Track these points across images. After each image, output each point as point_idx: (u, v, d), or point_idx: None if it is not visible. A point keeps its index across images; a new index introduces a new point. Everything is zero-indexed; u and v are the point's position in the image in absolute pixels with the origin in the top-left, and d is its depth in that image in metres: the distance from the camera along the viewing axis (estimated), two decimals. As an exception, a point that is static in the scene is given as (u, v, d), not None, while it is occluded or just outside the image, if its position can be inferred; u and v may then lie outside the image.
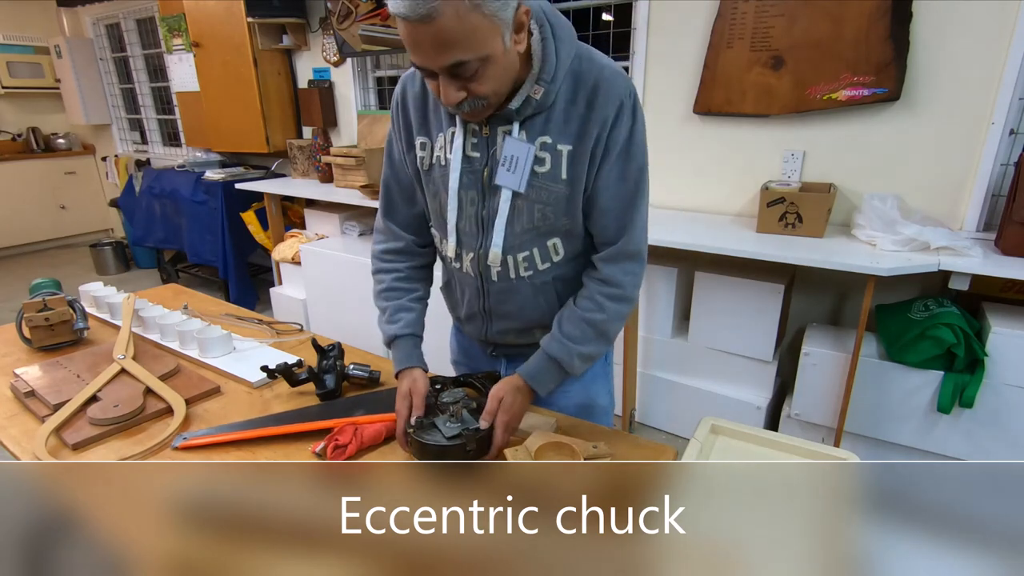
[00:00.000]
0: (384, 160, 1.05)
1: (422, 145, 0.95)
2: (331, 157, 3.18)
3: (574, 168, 0.87)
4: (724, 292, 2.13)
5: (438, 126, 0.93)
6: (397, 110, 0.98)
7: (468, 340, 1.19)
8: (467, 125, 0.89)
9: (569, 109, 0.86)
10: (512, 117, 0.86)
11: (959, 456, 1.82)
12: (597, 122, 0.85)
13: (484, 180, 0.91)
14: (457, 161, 0.90)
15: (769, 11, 2.07)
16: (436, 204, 0.97)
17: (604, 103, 0.85)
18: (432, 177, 0.95)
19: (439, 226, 1.00)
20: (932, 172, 1.96)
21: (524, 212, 0.90)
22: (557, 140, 0.87)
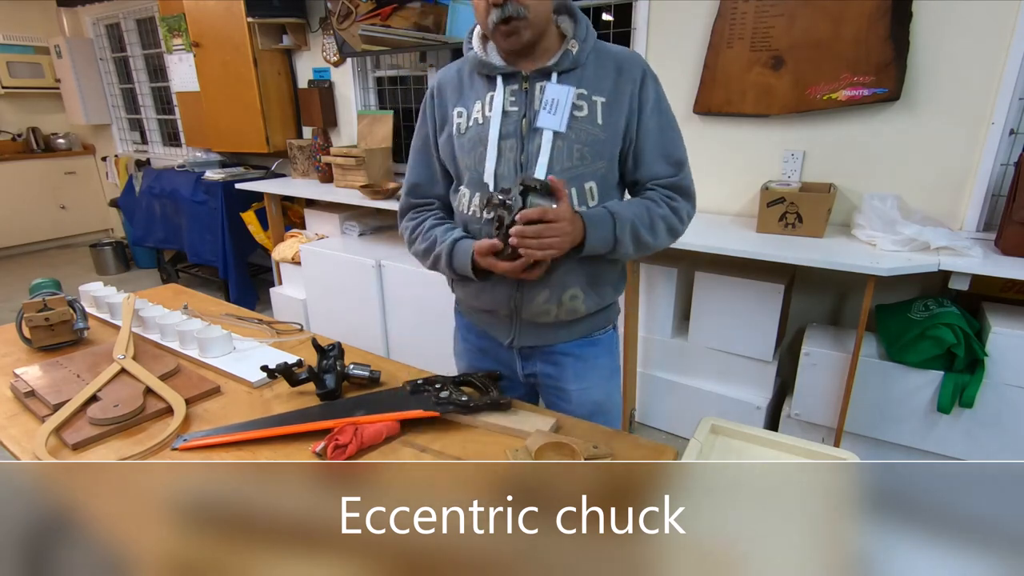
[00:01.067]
0: (411, 155, 1.17)
1: (459, 114, 1.07)
2: (331, 157, 3.18)
3: (609, 116, 1.01)
4: (724, 292, 2.13)
5: (474, 96, 1.06)
6: (431, 100, 1.11)
7: (483, 337, 1.21)
8: (506, 86, 1.02)
9: (598, 71, 1.02)
10: (550, 71, 1.01)
11: (959, 456, 1.82)
12: (627, 82, 1.02)
13: (523, 128, 1.02)
14: (497, 114, 1.02)
15: (769, 11, 2.07)
16: (472, 159, 1.05)
17: (630, 68, 1.03)
18: (468, 137, 1.05)
19: (473, 181, 1.06)
20: (932, 172, 1.96)
21: (564, 151, 1.01)
22: (592, 93, 1.01)
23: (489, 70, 1.04)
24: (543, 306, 1.07)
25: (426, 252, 1.11)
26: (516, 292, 1.07)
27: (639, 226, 1.02)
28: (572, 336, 1.14)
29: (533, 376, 1.20)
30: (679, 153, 1.07)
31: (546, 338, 1.13)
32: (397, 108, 3.34)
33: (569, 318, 1.10)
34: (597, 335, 1.18)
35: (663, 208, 1.05)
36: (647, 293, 2.31)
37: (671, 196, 1.06)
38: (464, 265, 1.05)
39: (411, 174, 1.17)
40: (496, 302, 1.10)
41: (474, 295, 1.13)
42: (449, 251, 1.07)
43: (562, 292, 1.06)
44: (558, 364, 1.16)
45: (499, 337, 1.16)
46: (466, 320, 1.24)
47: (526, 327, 1.12)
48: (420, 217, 1.15)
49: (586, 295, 1.08)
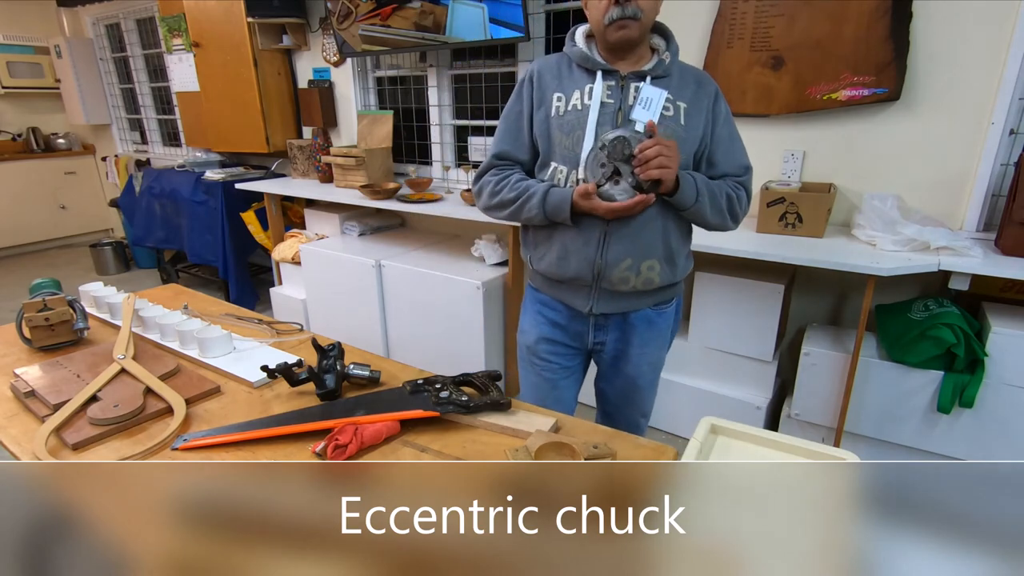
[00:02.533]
0: (501, 126, 1.29)
1: (558, 98, 1.20)
2: (331, 157, 3.18)
3: (689, 120, 1.18)
4: (724, 292, 2.13)
5: (573, 85, 1.19)
6: (528, 82, 1.24)
7: (559, 311, 1.33)
8: (605, 80, 1.17)
9: (681, 82, 1.20)
10: (645, 74, 1.17)
11: (959, 456, 1.82)
12: (704, 96, 1.21)
13: (618, 120, 1.17)
14: (596, 103, 1.16)
15: (769, 11, 2.07)
16: (571, 140, 1.18)
17: (707, 84, 1.22)
18: (567, 120, 1.18)
19: (567, 159, 1.19)
20: (932, 172, 1.96)
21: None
22: (676, 98, 1.18)
23: (592, 64, 1.18)
24: (624, 273, 1.20)
25: (515, 199, 1.22)
26: (600, 259, 1.20)
27: (715, 192, 1.19)
28: (644, 305, 1.29)
29: (601, 344, 1.34)
30: (746, 160, 1.27)
31: (622, 305, 1.27)
32: (397, 108, 3.34)
33: (645, 288, 1.24)
34: (664, 307, 1.33)
35: (729, 189, 1.22)
36: (647, 293, 2.31)
37: (737, 186, 1.24)
38: (560, 206, 1.16)
39: (499, 142, 1.28)
40: (579, 268, 1.22)
41: (557, 264, 1.25)
42: (544, 192, 1.18)
43: (642, 261, 1.20)
44: (628, 330, 1.31)
45: (578, 306, 1.29)
46: (543, 295, 1.36)
47: (604, 295, 1.25)
48: (505, 172, 1.27)
49: (662, 268, 1.22)
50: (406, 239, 3.10)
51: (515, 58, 2.78)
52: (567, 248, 1.22)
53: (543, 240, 1.28)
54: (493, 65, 2.90)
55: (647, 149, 1.08)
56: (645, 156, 1.08)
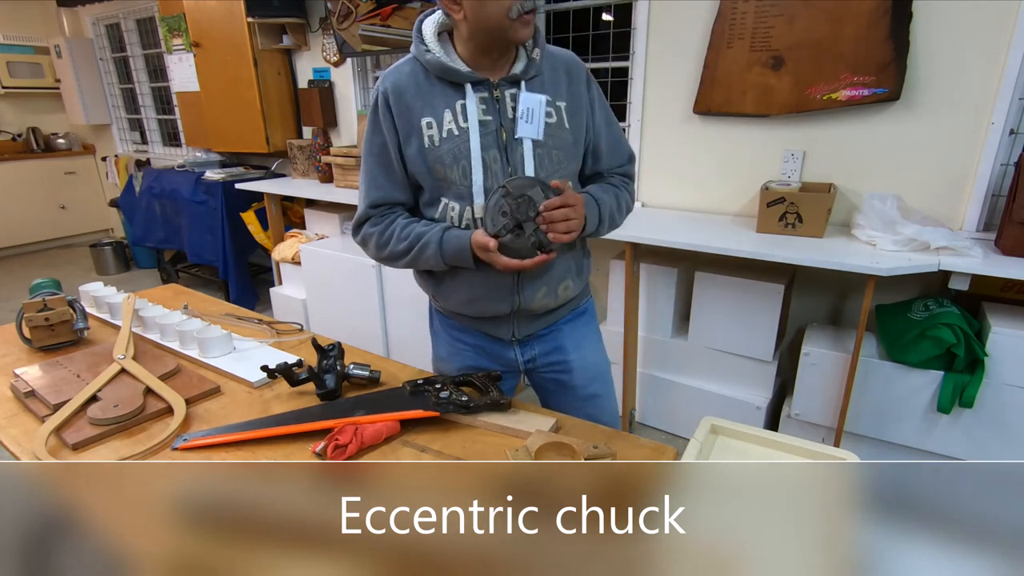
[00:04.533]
0: (366, 165, 1.10)
1: (428, 125, 1.03)
2: (331, 157, 3.18)
3: (572, 119, 1.07)
4: (724, 292, 2.13)
5: (442, 103, 1.02)
6: (384, 108, 1.05)
7: (479, 336, 1.21)
8: (476, 92, 1.02)
9: (553, 76, 1.07)
10: (517, 79, 1.03)
11: (959, 456, 1.82)
12: (578, 84, 1.08)
13: (502, 139, 1.03)
14: (474, 125, 1.01)
15: (769, 11, 2.07)
16: (456, 173, 1.03)
17: (576, 71, 1.09)
18: (445, 150, 1.02)
19: (459, 194, 1.04)
20: (932, 172, 1.96)
21: (545, 158, 1.05)
22: (554, 98, 1.05)
23: (456, 76, 1.01)
24: (542, 301, 1.12)
25: (407, 250, 1.07)
26: (516, 296, 1.10)
27: (613, 209, 1.12)
28: (564, 313, 1.22)
29: (532, 360, 1.22)
30: (628, 147, 1.19)
31: (543, 322, 1.19)
32: (397, 108, 3.33)
33: (562, 303, 1.18)
34: (582, 305, 1.26)
35: (624, 192, 1.17)
36: (647, 293, 2.31)
37: (626, 181, 1.19)
38: (459, 254, 1.03)
39: (373, 188, 1.09)
40: (495, 308, 1.12)
41: (467, 306, 1.14)
42: (439, 240, 1.04)
43: (558, 284, 1.12)
44: (556, 341, 1.21)
45: (498, 334, 1.18)
46: (454, 321, 1.22)
47: (524, 319, 1.16)
48: (387, 219, 1.10)
49: (574, 282, 1.16)
50: (406, 239, 3.10)
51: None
52: (476, 292, 1.10)
53: (447, 280, 1.13)
54: (493, 65, 2.89)
55: (554, 209, 0.97)
56: (551, 217, 0.97)
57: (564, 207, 0.97)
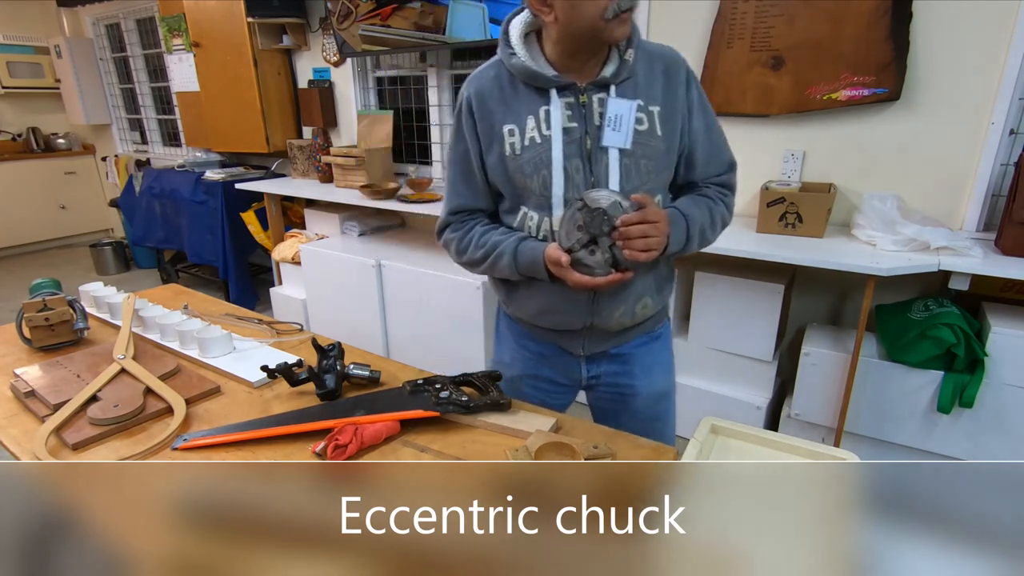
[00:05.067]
0: (449, 172, 1.10)
1: (510, 132, 0.99)
2: (331, 157, 3.18)
3: (666, 126, 0.98)
4: (724, 292, 2.13)
5: (525, 110, 0.98)
6: (467, 115, 1.02)
7: (545, 344, 1.16)
8: (561, 98, 0.96)
9: (649, 77, 0.98)
10: (607, 83, 0.96)
11: (959, 456, 1.82)
12: (677, 86, 0.99)
13: (587, 148, 0.97)
14: (558, 133, 0.96)
15: (769, 11, 2.07)
16: (536, 183, 0.99)
17: (677, 70, 1.00)
18: (526, 159, 0.98)
19: (539, 204, 1.01)
20: (932, 172, 1.96)
21: (632, 169, 0.98)
22: (648, 103, 0.97)
23: (542, 81, 0.96)
24: (619, 320, 1.07)
25: (483, 258, 1.05)
26: (591, 310, 1.05)
27: (705, 225, 1.03)
28: (638, 334, 1.15)
29: (597, 378, 1.18)
30: (728, 154, 1.09)
31: (615, 341, 1.13)
32: (397, 108, 3.34)
33: (638, 322, 1.11)
34: (658, 329, 1.19)
35: (720, 206, 1.06)
36: (647, 293, 2.31)
37: (723, 193, 1.08)
38: (533, 266, 1.00)
39: (453, 196, 1.09)
40: (568, 322, 1.08)
41: (538, 317, 1.10)
42: (514, 250, 1.01)
43: (636, 302, 1.06)
44: (625, 363, 1.16)
45: (567, 347, 1.14)
46: (522, 328, 1.18)
47: (597, 336, 1.11)
48: (467, 226, 1.09)
49: (654, 301, 1.09)
50: (406, 239, 3.10)
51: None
52: (551, 304, 1.07)
53: (521, 289, 1.10)
54: (493, 65, 2.90)
55: (631, 225, 0.90)
56: (627, 233, 0.90)
57: (643, 223, 0.90)
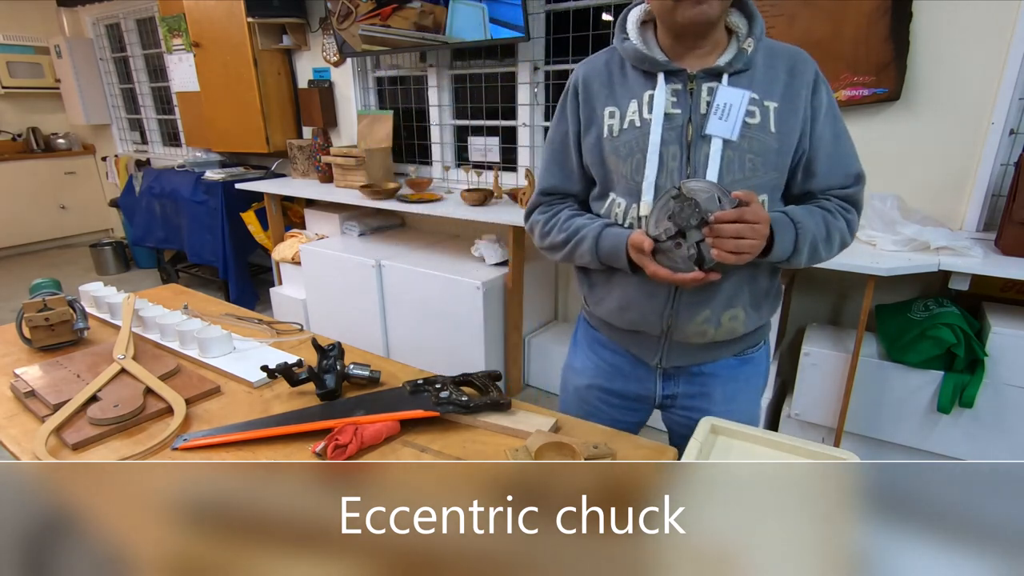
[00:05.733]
0: (545, 153, 1.08)
1: (610, 114, 0.96)
2: (331, 157, 3.18)
3: (782, 124, 0.91)
4: (724, 292, 2.13)
5: (629, 94, 0.95)
6: (573, 94, 1.01)
7: (620, 354, 1.10)
8: (668, 84, 0.92)
9: (769, 73, 0.92)
10: (720, 71, 0.91)
11: (959, 456, 1.82)
12: (801, 86, 0.92)
13: (688, 135, 0.91)
14: (659, 117, 0.91)
15: (769, 11, 2.07)
16: (628, 167, 0.94)
17: (803, 70, 0.93)
18: (622, 141, 0.94)
19: (628, 190, 0.95)
20: (932, 172, 1.96)
21: (735, 162, 0.91)
22: (763, 97, 0.91)
23: (650, 65, 0.92)
24: (700, 327, 0.98)
25: (565, 242, 1.01)
26: (670, 310, 0.97)
27: (818, 238, 0.93)
28: (725, 354, 1.05)
29: (672, 397, 1.10)
30: (856, 165, 0.98)
31: (697, 357, 1.04)
32: (397, 108, 3.34)
33: (726, 338, 1.01)
34: (750, 353, 1.08)
35: (840, 220, 0.96)
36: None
37: (846, 208, 0.98)
38: (614, 253, 0.95)
39: (545, 176, 1.07)
40: (646, 321, 1.00)
41: (617, 313, 1.03)
42: (597, 236, 0.97)
43: (723, 311, 0.97)
44: (705, 385, 1.07)
45: (643, 356, 1.06)
46: (599, 334, 1.12)
47: (676, 347, 1.03)
48: (554, 209, 1.06)
49: (747, 315, 0.99)
50: (406, 239, 3.10)
51: (515, 58, 2.78)
52: (629, 298, 1.00)
53: (601, 282, 1.05)
54: (493, 65, 2.90)
55: (725, 223, 0.83)
56: (719, 231, 0.83)
57: (740, 223, 0.83)
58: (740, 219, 0.83)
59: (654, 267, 0.89)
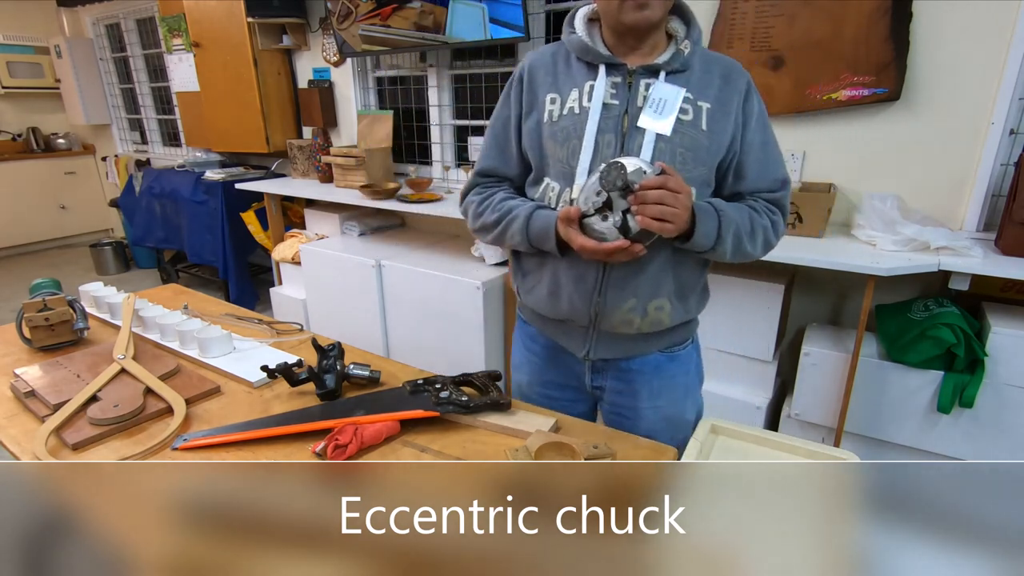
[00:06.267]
0: (487, 137, 1.11)
1: (552, 100, 1.00)
2: (331, 157, 3.18)
3: (714, 124, 0.96)
4: (724, 292, 2.13)
5: (571, 83, 1.00)
6: (518, 81, 1.05)
7: (551, 348, 1.14)
8: (608, 77, 0.97)
9: (705, 77, 0.98)
10: (658, 69, 0.96)
11: (959, 456, 1.82)
12: (734, 92, 0.98)
13: (623, 125, 0.96)
14: (597, 105, 0.95)
15: (769, 11, 2.07)
16: (564, 151, 0.98)
17: (736, 79, 0.99)
18: (560, 127, 0.98)
19: (562, 173, 0.99)
20: (932, 172, 1.96)
21: (667, 154, 0.95)
22: (697, 97, 0.96)
23: (593, 57, 0.98)
24: (627, 315, 1.00)
25: (496, 222, 1.04)
26: (598, 298, 1.00)
27: (741, 231, 0.97)
28: (651, 349, 1.08)
29: (601, 390, 1.14)
30: (782, 171, 1.03)
31: (624, 350, 1.07)
32: (397, 108, 3.34)
33: (651, 330, 1.04)
34: (676, 350, 1.12)
35: (764, 219, 1.00)
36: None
37: (772, 209, 1.02)
38: (544, 232, 0.97)
39: (484, 158, 1.10)
40: (574, 309, 1.02)
41: (547, 301, 1.06)
42: (528, 215, 0.99)
43: (649, 301, 1.00)
44: (631, 382, 1.10)
45: (572, 348, 1.10)
46: (532, 328, 1.17)
47: (603, 338, 1.06)
48: (490, 191, 1.09)
49: (672, 307, 1.02)
50: (406, 239, 3.10)
51: (515, 58, 2.78)
52: (559, 283, 1.03)
53: (533, 269, 1.08)
54: (493, 65, 2.90)
55: (648, 188, 0.86)
56: (643, 197, 0.86)
57: (662, 189, 0.85)
58: (663, 186, 0.86)
59: (581, 239, 0.91)
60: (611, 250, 0.89)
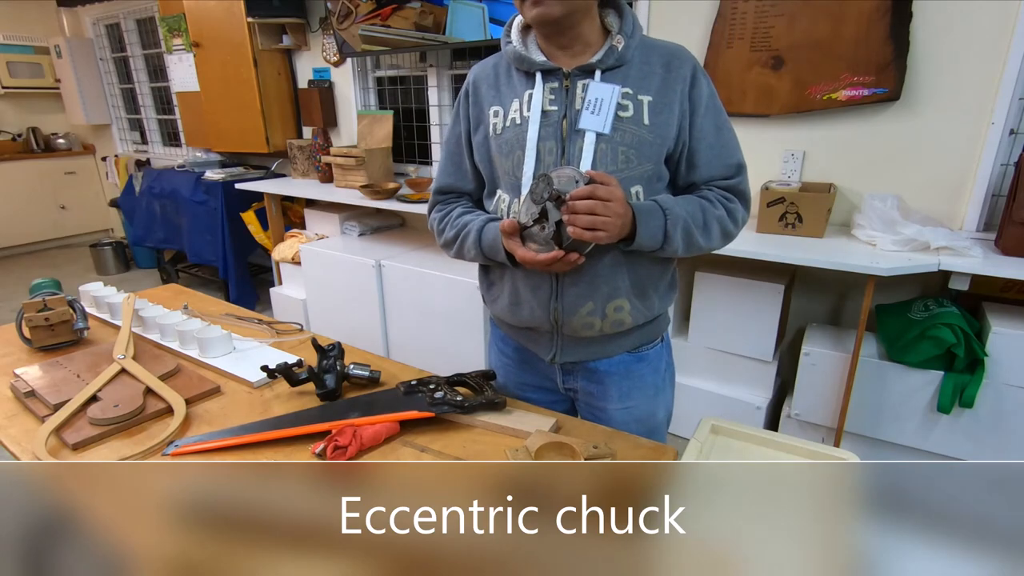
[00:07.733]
0: (442, 154, 1.12)
1: (495, 113, 1.00)
2: (331, 157, 3.18)
3: (657, 117, 0.93)
4: (724, 292, 2.13)
5: (512, 94, 0.99)
6: (464, 96, 1.05)
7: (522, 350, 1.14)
8: (545, 84, 0.95)
9: (644, 68, 0.95)
10: (593, 68, 0.94)
11: (959, 456, 1.82)
12: (677, 81, 0.94)
13: (563, 130, 0.95)
14: (536, 114, 0.95)
15: (769, 11, 2.07)
16: (510, 163, 0.98)
17: (679, 65, 0.95)
18: (504, 139, 0.98)
19: (510, 185, 0.99)
20: (932, 172, 1.96)
21: (608, 155, 0.94)
22: (637, 91, 0.94)
23: (528, 65, 0.96)
24: (586, 319, 1.00)
25: (455, 238, 1.04)
26: (556, 303, 0.99)
27: (692, 225, 0.94)
28: (619, 350, 1.07)
29: (573, 391, 1.13)
30: (737, 156, 1.00)
31: (590, 353, 1.06)
32: (397, 108, 3.34)
33: (614, 331, 1.03)
34: (644, 349, 1.09)
35: (719, 209, 0.98)
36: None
37: (728, 197, 1.00)
38: (495, 245, 0.98)
39: (440, 176, 1.11)
40: (535, 317, 1.02)
41: (509, 311, 1.06)
42: (480, 229, 1.00)
43: (607, 303, 0.99)
44: (601, 383, 1.09)
45: (540, 353, 1.09)
46: (500, 331, 1.17)
47: (568, 342, 1.05)
48: (448, 208, 1.10)
49: (632, 306, 1.00)
50: (406, 239, 3.10)
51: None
52: (518, 292, 1.03)
53: (496, 280, 1.08)
54: (493, 65, 2.90)
55: (578, 199, 0.84)
56: (573, 208, 0.84)
57: (592, 199, 0.83)
58: (592, 195, 0.84)
59: (522, 251, 0.91)
60: (548, 261, 0.89)
